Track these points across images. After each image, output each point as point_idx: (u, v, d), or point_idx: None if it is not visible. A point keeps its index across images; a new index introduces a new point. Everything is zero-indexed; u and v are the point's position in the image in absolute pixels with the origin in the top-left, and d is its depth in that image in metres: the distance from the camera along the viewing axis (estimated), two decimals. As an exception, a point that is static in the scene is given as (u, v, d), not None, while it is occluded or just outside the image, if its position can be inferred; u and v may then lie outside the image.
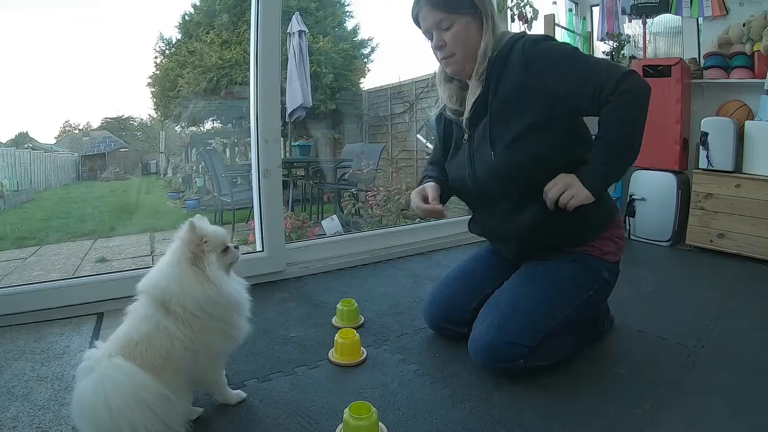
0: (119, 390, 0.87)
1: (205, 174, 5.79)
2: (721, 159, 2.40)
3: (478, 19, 1.27)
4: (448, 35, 1.27)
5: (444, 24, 1.26)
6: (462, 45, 1.27)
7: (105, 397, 0.85)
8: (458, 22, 1.26)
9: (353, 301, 1.59)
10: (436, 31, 1.28)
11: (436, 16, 1.27)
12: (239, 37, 6.78)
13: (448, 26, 1.26)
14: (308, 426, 1.05)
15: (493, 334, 1.21)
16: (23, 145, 6.04)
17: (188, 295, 0.98)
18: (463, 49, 1.28)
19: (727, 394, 1.16)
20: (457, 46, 1.28)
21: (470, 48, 1.28)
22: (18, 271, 3.44)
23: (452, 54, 1.29)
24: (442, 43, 1.29)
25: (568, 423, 1.05)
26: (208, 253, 1.03)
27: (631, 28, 3.27)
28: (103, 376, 0.88)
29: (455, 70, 1.33)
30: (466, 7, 1.26)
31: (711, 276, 2.16)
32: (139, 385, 0.89)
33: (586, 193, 1.18)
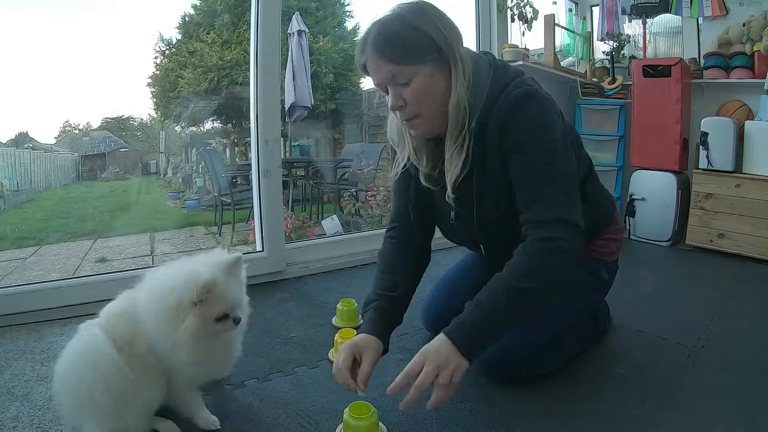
0: (79, 356, 0.90)
1: (205, 174, 5.79)
2: (721, 159, 2.40)
3: (444, 64, 1.01)
4: (408, 92, 1.00)
5: (400, 78, 0.99)
6: (427, 102, 1.02)
7: (66, 361, 0.91)
8: (419, 74, 0.99)
9: (353, 301, 1.59)
10: (392, 87, 1.01)
11: (389, 69, 0.99)
12: (239, 37, 6.79)
13: (407, 81, 1.00)
14: (308, 426, 1.05)
15: (493, 348, 1.11)
16: (23, 145, 6.04)
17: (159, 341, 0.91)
18: (429, 107, 1.02)
19: (727, 394, 1.16)
20: (421, 105, 1.02)
21: (438, 103, 1.02)
22: (18, 271, 3.44)
23: (416, 115, 1.03)
24: (401, 103, 1.02)
25: (568, 423, 1.05)
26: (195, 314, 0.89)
27: (631, 28, 3.27)
28: (75, 341, 0.93)
29: (422, 132, 1.07)
30: (426, 54, 0.99)
31: (711, 276, 2.16)
32: (99, 357, 0.89)
33: (464, 363, 0.93)
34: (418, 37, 0.98)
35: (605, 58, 3.22)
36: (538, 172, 1.01)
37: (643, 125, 2.69)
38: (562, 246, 0.98)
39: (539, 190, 1.01)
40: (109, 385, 0.88)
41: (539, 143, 1.01)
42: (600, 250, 1.30)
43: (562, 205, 1.00)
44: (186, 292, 0.88)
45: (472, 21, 2.82)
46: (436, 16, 1.01)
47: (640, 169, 2.71)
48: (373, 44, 1.00)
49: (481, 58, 1.10)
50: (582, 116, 3.01)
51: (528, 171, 1.02)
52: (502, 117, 1.01)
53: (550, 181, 1.01)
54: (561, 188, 1.01)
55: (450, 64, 1.01)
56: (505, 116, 1.01)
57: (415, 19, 0.99)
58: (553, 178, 1.01)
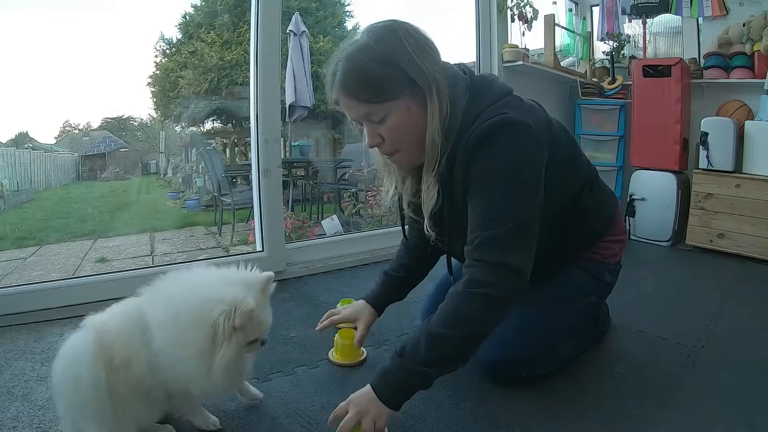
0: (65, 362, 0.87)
1: (205, 174, 5.79)
2: (721, 159, 2.40)
3: (419, 95, 0.95)
4: (384, 129, 0.97)
5: (376, 116, 0.96)
6: (405, 137, 0.98)
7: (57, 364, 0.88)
8: (394, 110, 0.95)
9: (353, 301, 1.59)
10: (367, 124, 0.98)
11: (361, 109, 0.96)
12: (240, 37, 6.79)
13: (382, 118, 0.96)
14: (308, 426, 1.05)
15: (493, 348, 1.15)
16: (23, 145, 6.05)
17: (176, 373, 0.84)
18: (407, 142, 0.99)
19: (727, 394, 1.16)
20: (399, 141, 0.99)
21: (418, 136, 0.98)
22: (18, 271, 3.44)
23: (396, 150, 1.01)
24: (378, 141, 0.99)
25: (568, 423, 1.05)
26: (233, 341, 0.83)
27: (631, 28, 3.27)
28: (68, 343, 0.90)
29: (404, 165, 1.07)
30: (400, 89, 0.93)
31: (711, 276, 2.16)
32: (81, 369, 0.84)
33: (385, 412, 0.92)
34: (389, 73, 0.93)
35: (605, 58, 3.22)
36: (492, 209, 0.96)
37: (643, 125, 2.69)
38: (490, 293, 0.93)
39: (488, 228, 0.95)
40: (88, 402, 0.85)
41: (500, 181, 0.96)
42: (602, 252, 1.28)
43: (507, 250, 0.94)
44: (225, 319, 0.81)
45: (472, 21, 2.82)
46: (407, 40, 0.94)
47: (640, 169, 2.72)
48: (342, 85, 0.95)
49: (459, 81, 1.03)
50: (582, 116, 3.01)
51: (482, 206, 0.97)
52: (469, 150, 0.97)
53: (502, 222, 0.95)
54: (512, 231, 0.95)
55: (426, 97, 0.96)
56: (472, 149, 0.96)
57: (384, 50, 0.93)
58: (505, 219, 0.95)
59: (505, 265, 0.93)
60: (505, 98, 1.03)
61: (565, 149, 1.15)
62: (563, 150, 1.14)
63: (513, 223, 0.95)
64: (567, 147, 1.17)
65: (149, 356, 0.85)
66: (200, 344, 0.81)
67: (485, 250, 0.95)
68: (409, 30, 0.97)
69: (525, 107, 1.06)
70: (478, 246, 0.96)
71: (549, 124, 1.12)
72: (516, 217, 0.95)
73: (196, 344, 0.81)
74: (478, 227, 0.96)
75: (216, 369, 0.82)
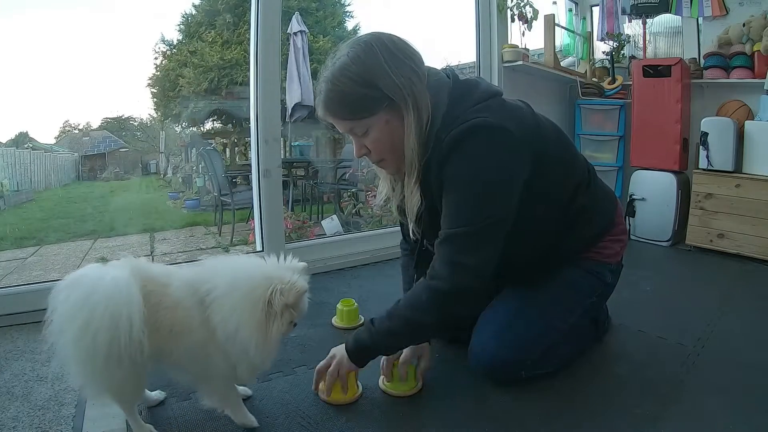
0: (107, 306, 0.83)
1: (205, 174, 5.79)
2: (721, 159, 2.40)
3: (397, 110, 1.02)
4: (369, 141, 1.06)
5: (358, 130, 1.05)
6: (389, 148, 1.06)
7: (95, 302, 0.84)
8: (375, 125, 1.03)
9: (353, 301, 1.60)
10: (353, 137, 1.08)
11: (345, 125, 1.06)
12: (240, 37, 6.79)
13: (364, 132, 1.05)
14: (308, 426, 1.05)
15: (494, 349, 1.17)
16: (23, 145, 6.05)
17: (237, 338, 0.89)
18: (390, 152, 1.07)
19: (727, 394, 1.16)
20: (382, 152, 1.08)
21: (400, 146, 1.06)
22: (18, 271, 3.44)
23: (381, 159, 1.10)
24: (364, 151, 1.09)
25: (568, 423, 1.05)
26: (282, 319, 0.91)
27: (631, 28, 3.27)
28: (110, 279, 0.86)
29: (392, 172, 1.15)
30: (377, 106, 1.01)
31: (711, 276, 2.16)
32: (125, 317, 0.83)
33: (352, 365, 1.08)
34: (366, 93, 1.00)
35: (605, 58, 3.22)
36: (458, 210, 1.02)
37: (643, 125, 2.69)
38: (441, 287, 1.01)
39: (452, 227, 1.02)
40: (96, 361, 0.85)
41: (467, 183, 1.01)
42: (603, 252, 1.28)
43: (465, 250, 1.01)
44: (280, 295, 0.89)
45: (472, 21, 2.83)
46: (384, 56, 0.99)
47: (640, 169, 2.72)
48: (325, 105, 1.04)
49: (442, 86, 1.07)
50: (582, 116, 3.01)
51: (449, 207, 1.03)
52: (443, 153, 1.02)
53: (466, 223, 1.01)
54: (474, 232, 1.01)
55: (403, 112, 1.02)
56: (446, 153, 1.01)
57: (363, 71, 0.99)
58: (470, 220, 1.01)
59: (461, 264, 1.01)
60: (487, 101, 1.06)
61: (555, 148, 1.17)
62: (554, 149, 1.16)
63: (478, 225, 1.01)
64: (558, 146, 1.19)
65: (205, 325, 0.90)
66: (259, 315, 0.89)
67: (446, 248, 1.03)
68: (387, 44, 1.02)
69: (507, 109, 1.08)
70: (441, 242, 1.04)
71: (536, 124, 1.13)
72: (482, 219, 1.01)
73: (256, 315, 0.88)
74: (445, 224, 1.04)
75: (270, 341, 0.90)
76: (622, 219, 1.36)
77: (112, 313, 0.83)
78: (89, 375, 0.89)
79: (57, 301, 0.86)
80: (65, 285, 0.87)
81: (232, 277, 0.91)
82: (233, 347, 0.90)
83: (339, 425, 1.05)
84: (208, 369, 0.95)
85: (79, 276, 0.89)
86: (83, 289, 0.86)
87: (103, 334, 0.83)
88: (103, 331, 0.83)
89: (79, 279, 0.88)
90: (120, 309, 0.84)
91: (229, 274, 0.92)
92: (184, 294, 0.93)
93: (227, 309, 0.89)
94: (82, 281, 0.87)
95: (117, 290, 0.85)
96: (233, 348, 0.90)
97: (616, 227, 1.31)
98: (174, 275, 0.97)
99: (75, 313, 0.84)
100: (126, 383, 0.92)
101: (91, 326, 0.83)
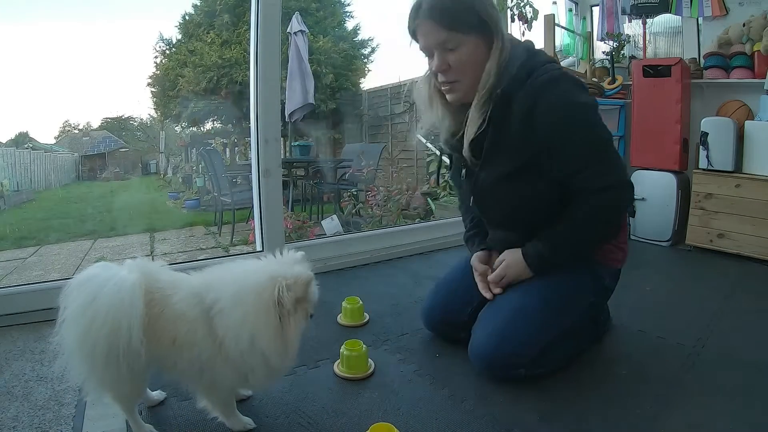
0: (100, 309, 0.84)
1: (205, 174, 5.79)
2: (721, 159, 2.40)
3: (488, 39, 1.11)
4: (453, 58, 1.11)
5: (449, 44, 1.10)
6: (470, 71, 1.12)
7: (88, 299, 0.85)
8: (466, 43, 1.09)
9: (358, 299, 1.60)
10: (439, 51, 1.11)
11: (440, 35, 1.09)
12: (239, 36, 6.79)
13: (454, 47, 1.10)
14: (308, 426, 1.05)
15: (494, 344, 1.18)
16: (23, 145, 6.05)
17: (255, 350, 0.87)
18: (470, 76, 1.12)
19: (727, 394, 1.16)
20: (464, 73, 1.12)
21: (477, 72, 1.12)
22: (18, 271, 3.44)
23: (457, 80, 1.14)
24: (445, 67, 1.12)
25: (568, 423, 1.05)
26: (296, 315, 0.89)
27: (631, 28, 3.27)
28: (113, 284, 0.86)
29: (457, 98, 1.18)
30: (475, 26, 1.09)
31: (711, 276, 2.16)
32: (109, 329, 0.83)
33: (527, 273, 1.23)
34: (470, 10, 1.08)
35: (605, 58, 3.22)
36: (577, 149, 1.12)
37: (643, 125, 2.69)
38: (612, 211, 1.17)
39: (582, 165, 1.12)
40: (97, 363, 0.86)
41: (571, 121, 1.10)
42: (608, 255, 1.31)
43: (608, 171, 1.13)
44: (287, 291, 0.87)
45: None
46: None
47: (640, 169, 2.71)
48: (429, 11, 1.09)
49: (520, 43, 1.19)
50: (582, 116, 3.00)
51: (567, 149, 1.11)
52: (533, 93, 1.09)
53: (590, 152, 1.12)
54: (601, 157, 1.14)
55: (493, 39, 1.11)
56: (537, 93, 1.09)
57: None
58: (593, 146, 1.13)
59: (618, 183, 1.14)
60: (556, 64, 1.19)
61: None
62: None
63: (606, 150, 1.15)
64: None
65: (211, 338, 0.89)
66: (273, 320, 0.86)
67: (601, 179, 1.12)
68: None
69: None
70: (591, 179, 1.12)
71: None
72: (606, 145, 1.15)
73: (270, 321, 0.86)
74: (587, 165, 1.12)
75: (290, 342, 0.89)
76: (626, 229, 1.39)
77: (113, 321, 0.84)
78: (90, 375, 0.89)
79: (67, 300, 0.88)
80: (75, 284, 0.88)
81: (236, 286, 0.89)
82: (251, 358, 0.88)
83: (339, 425, 1.05)
84: (214, 381, 0.93)
85: (88, 277, 0.89)
86: (88, 293, 0.86)
87: (102, 341, 0.84)
88: (102, 339, 0.84)
89: (87, 281, 0.89)
90: (120, 318, 0.84)
91: (231, 282, 0.90)
92: (187, 306, 0.90)
93: (236, 322, 0.86)
94: (89, 283, 0.88)
95: (119, 299, 0.85)
96: (251, 359, 0.88)
97: (621, 235, 1.34)
98: (179, 284, 0.94)
99: (78, 316, 0.86)
100: (126, 385, 0.92)
101: (91, 332, 0.84)
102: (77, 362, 0.88)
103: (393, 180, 5.08)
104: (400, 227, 2.69)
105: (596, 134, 1.14)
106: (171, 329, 0.90)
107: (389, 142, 6.11)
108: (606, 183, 1.13)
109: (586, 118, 1.12)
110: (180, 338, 0.90)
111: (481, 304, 1.32)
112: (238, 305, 0.87)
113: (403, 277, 2.08)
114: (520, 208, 1.21)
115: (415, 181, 5.17)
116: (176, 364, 0.92)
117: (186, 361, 0.91)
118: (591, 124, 1.13)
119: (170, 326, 0.90)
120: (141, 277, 0.90)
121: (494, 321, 1.23)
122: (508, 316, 1.22)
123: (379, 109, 6.58)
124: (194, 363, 0.91)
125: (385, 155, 5.63)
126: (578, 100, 1.12)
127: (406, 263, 2.28)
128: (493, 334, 1.21)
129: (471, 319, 1.31)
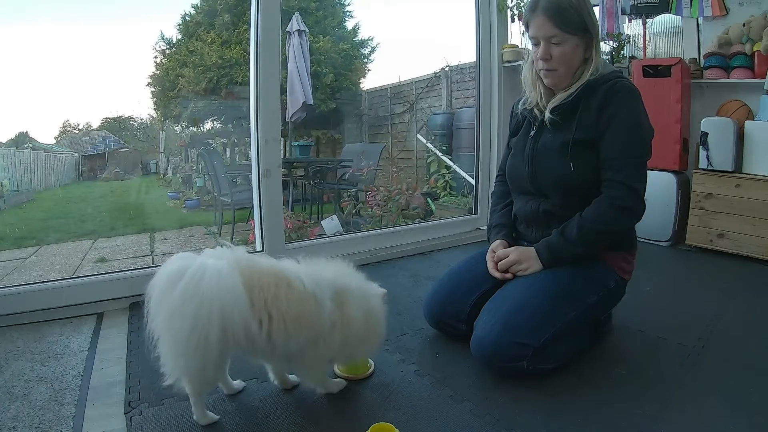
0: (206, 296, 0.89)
1: (205, 174, 5.79)
2: (721, 159, 2.40)
3: (587, 42, 1.32)
4: (556, 51, 1.30)
5: (555, 39, 1.29)
6: (567, 64, 1.32)
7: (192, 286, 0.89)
8: (569, 41, 1.29)
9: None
10: (545, 43, 1.30)
11: (550, 30, 1.29)
12: (239, 36, 6.78)
13: (559, 42, 1.29)
14: (308, 426, 1.05)
15: (498, 332, 1.21)
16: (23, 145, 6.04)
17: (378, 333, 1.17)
18: (566, 68, 1.33)
19: (727, 394, 1.16)
20: (562, 64, 1.32)
21: (572, 69, 1.33)
22: (18, 271, 3.44)
23: (555, 69, 1.33)
24: (548, 57, 1.32)
25: (568, 423, 1.05)
26: None
27: (631, 28, 3.26)
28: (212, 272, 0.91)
29: (552, 83, 1.37)
30: (579, 30, 1.29)
31: (711, 276, 2.16)
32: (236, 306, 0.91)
33: (538, 266, 1.34)
34: (578, 16, 1.29)
35: (605, 58, 3.22)
36: (630, 146, 1.29)
37: (643, 125, 2.68)
38: (624, 206, 1.28)
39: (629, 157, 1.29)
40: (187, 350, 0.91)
41: (630, 123, 1.30)
42: (617, 262, 1.38)
43: (637, 179, 1.30)
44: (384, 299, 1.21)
45: (472, 21, 2.82)
46: (589, 5, 1.32)
47: (640, 169, 2.71)
48: (546, 9, 1.28)
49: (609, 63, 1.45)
50: (582, 116, 3.00)
51: (622, 142, 1.29)
52: (606, 92, 1.30)
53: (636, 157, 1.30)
54: (641, 165, 1.31)
55: (592, 44, 1.33)
56: (609, 92, 1.30)
57: (582, 2, 1.30)
58: (639, 155, 1.31)
59: (635, 189, 1.29)
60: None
61: None
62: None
63: (643, 158, 1.32)
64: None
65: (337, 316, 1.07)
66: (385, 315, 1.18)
67: (623, 173, 1.28)
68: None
69: None
70: (618, 167, 1.29)
71: None
72: (645, 153, 1.33)
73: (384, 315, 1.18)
74: (622, 156, 1.29)
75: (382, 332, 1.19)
76: (636, 246, 1.48)
77: (221, 308, 0.89)
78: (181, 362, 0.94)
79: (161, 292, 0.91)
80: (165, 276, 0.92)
81: (357, 282, 1.16)
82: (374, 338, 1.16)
83: (339, 425, 1.05)
84: (323, 353, 1.08)
85: (178, 268, 0.92)
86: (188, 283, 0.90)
87: (214, 328, 0.89)
88: (214, 326, 0.89)
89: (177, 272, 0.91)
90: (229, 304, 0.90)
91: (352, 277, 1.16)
92: (316, 288, 1.04)
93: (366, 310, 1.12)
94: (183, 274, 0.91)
95: (223, 286, 0.91)
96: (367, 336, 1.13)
97: (634, 250, 1.44)
98: (288, 269, 1.05)
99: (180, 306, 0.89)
100: (210, 371, 0.97)
101: (199, 320, 0.88)
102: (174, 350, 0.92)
103: (393, 180, 5.07)
104: (400, 227, 2.69)
105: (644, 147, 1.33)
106: (295, 309, 0.99)
107: (389, 142, 6.11)
108: (629, 182, 1.28)
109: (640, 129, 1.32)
110: (305, 317, 1.00)
111: (483, 298, 1.34)
112: (365, 299, 1.14)
113: (403, 277, 2.07)
114: (565, 177, 1.33)
115: (415, 181, 5.17)
116: (289, 341, 0.99)
117: (303, 338, 1.01)
118: (642, 136, 1.32)
119: (295, 307, 0.99)
120: (234, 263, 0.95)
121: (498, 312, 1.25)
122: (512, 307, 1.25)
123: (379, 109, 6.58)
124: (311, 339, 1.03)
125: (385, 155, 5.63)
126: (640, 112, 1.33)
127: (406, 263, 2.28)
128: (497, 323, 1.22)
129: (473, 312, 1.33)
